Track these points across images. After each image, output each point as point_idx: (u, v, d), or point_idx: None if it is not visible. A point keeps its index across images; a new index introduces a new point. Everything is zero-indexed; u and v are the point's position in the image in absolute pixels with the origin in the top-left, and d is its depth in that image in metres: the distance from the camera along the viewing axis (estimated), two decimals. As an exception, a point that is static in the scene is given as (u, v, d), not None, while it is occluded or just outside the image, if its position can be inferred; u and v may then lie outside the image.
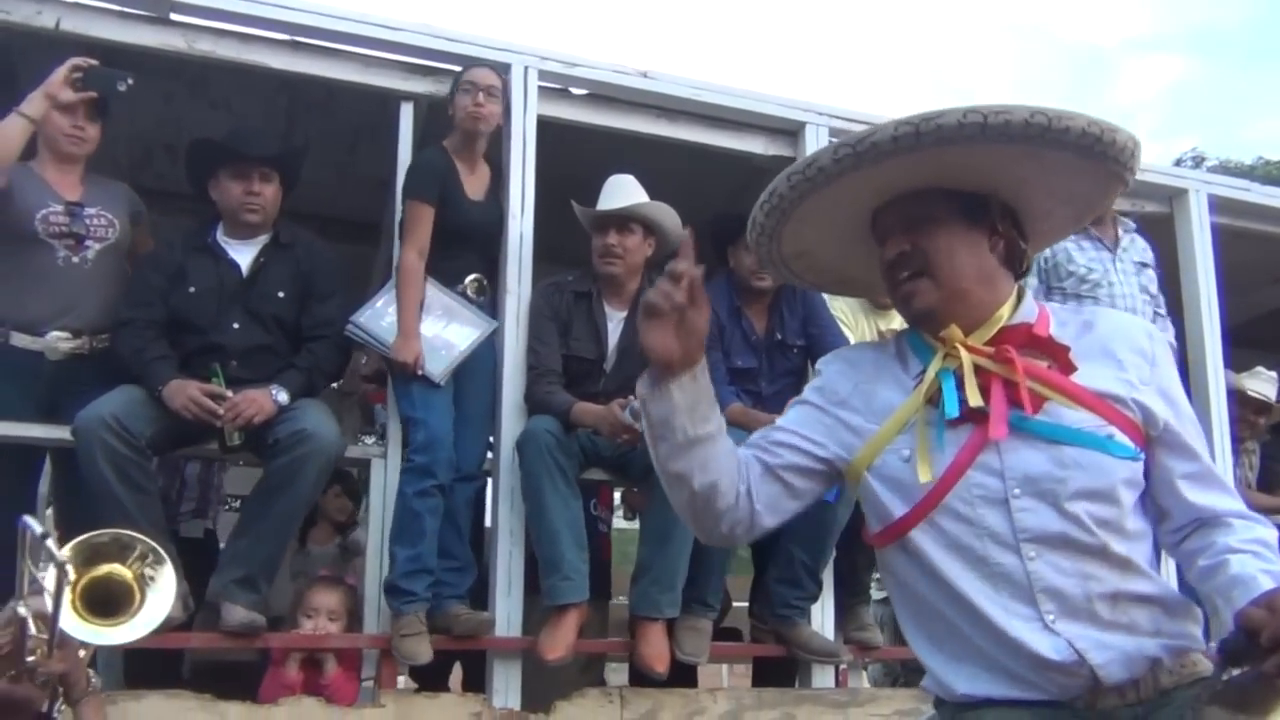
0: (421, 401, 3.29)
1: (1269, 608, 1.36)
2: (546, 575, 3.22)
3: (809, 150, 3.98)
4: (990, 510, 1.52)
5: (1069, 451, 1.51)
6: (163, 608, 1.74)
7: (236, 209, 3.28)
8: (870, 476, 1.62)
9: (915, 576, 1.60)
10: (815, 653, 3.52)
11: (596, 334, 3.51)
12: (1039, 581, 1.50)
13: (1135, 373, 1.58)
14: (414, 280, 3.33)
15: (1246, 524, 1.56)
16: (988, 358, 1.55)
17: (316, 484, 3.11)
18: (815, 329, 3.75)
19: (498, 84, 3.51)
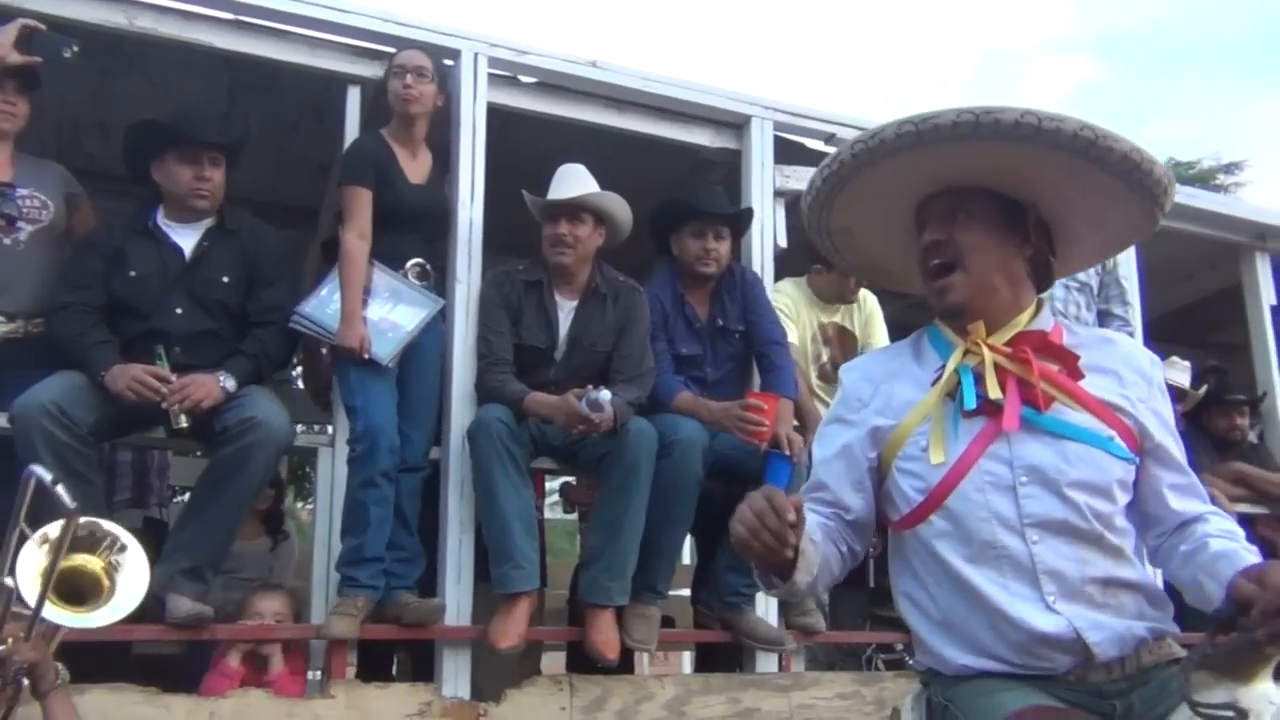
0: (360, 389, 3.25)
1: (1259, 581, 1.46)
2: (498, 564, 3.21)
3: (754, 143, 4.07)
4: (998, 496, 1.64)
5: (1072, 447, 1.66)
6: (135, 595, 1.71)
7: (186, 194, 3.20)
8: (894, 468, 1.73)
9: (923, 560, 1.71)
10: (761, 640, 3.57)
11: (547, 323, 3.50)
12: (1041, 563, 1.62)
13: (1134, 390, 1.74)
14: (356, 263, 3.29)
15: (1220, 518, 1.72)
16: (1006, 357, 1.67)
17: (265, 473, 3.06)
18: (753, 315, 3.80)
19: (428, 65, 3.47)
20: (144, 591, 1.73)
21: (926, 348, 1.79)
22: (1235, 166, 15.73)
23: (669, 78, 4.01)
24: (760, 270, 3.99)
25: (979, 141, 1.61)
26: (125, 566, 1.77)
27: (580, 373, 3.45)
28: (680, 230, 3.74)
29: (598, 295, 3.53)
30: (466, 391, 3.46)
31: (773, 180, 4.11)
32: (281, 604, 3.32)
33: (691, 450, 3.32)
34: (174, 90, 3.86)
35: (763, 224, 4.01)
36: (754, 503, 1.45)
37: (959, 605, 1.66)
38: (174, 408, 2.94)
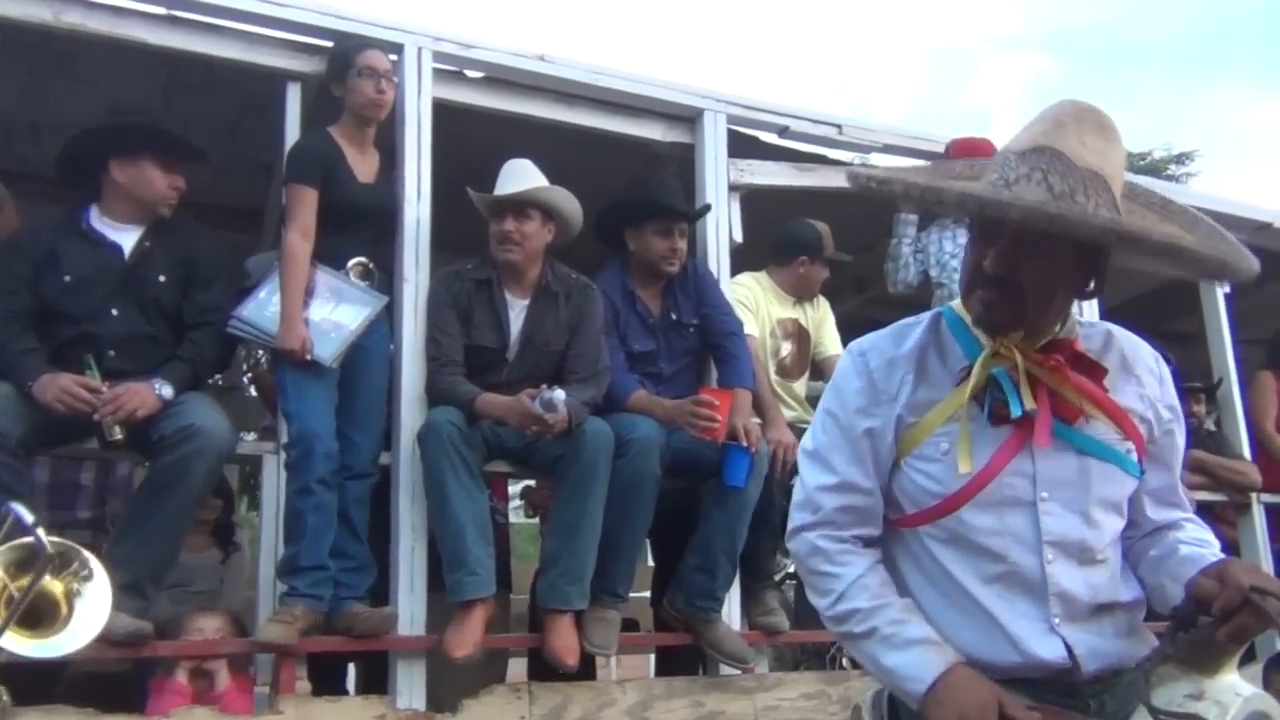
0: (295, 393, 3.15)
1: (1219, 578, 1.46)
2: (452, 571, 3.13)
3: (708, 137, 4.01)
4: (1016, 511, 1.57)
5: (1094, 463, 1.59)
6: (91, 628, 1.62)
7: (158, 200, 3.14)
8: (906, 465, 1.63)
9: (917, 561, 1.64)
10: (727, 655, 3.49)
11: (498, 323, 3.42)
12: (1054, 584, 1.56)
13: (1150, 389, 1.66)
14: (298, 263, 3.19)
15: (1196, 525, 1.68)
16: (1039, 365, 1.56)
17: (206, 482, 2.95)
18: (707, 309, 3.75)
19: (391, 68, 3.41)
20: (100, 626, 1.64)
21: (949, 339, 1.65)
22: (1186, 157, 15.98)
23: (619, 71, 3.95)
24: (716, 265, 3.93)
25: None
26: (86, 595, 1.68)
27: (533, 373, 3.37)
28: (640, 227, 3.66)
29: (549, 293, 3.45)
30: (416, 394, 3.36)
31: (727, 174, 4.05)
32: (221, 622, 3.22)
33: (648, 449, 3.25)
34: (107, 90, 3.72)
35: (718, 218, 3.95)
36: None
37: (952, 613, 1.59)
38: (107, 419, 2.82)
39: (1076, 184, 1.45)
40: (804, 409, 4.18)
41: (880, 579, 1.62)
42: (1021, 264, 1.51)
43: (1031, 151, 1.48)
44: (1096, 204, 1.45)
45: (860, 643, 1.59)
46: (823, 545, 1.63)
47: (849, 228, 4.57)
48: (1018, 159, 1.48)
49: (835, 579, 1.61)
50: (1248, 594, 1.42)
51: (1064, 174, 1.45)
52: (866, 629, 1.57)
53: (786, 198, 4.30)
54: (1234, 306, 5.11)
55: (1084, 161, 1.46)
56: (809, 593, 1.69)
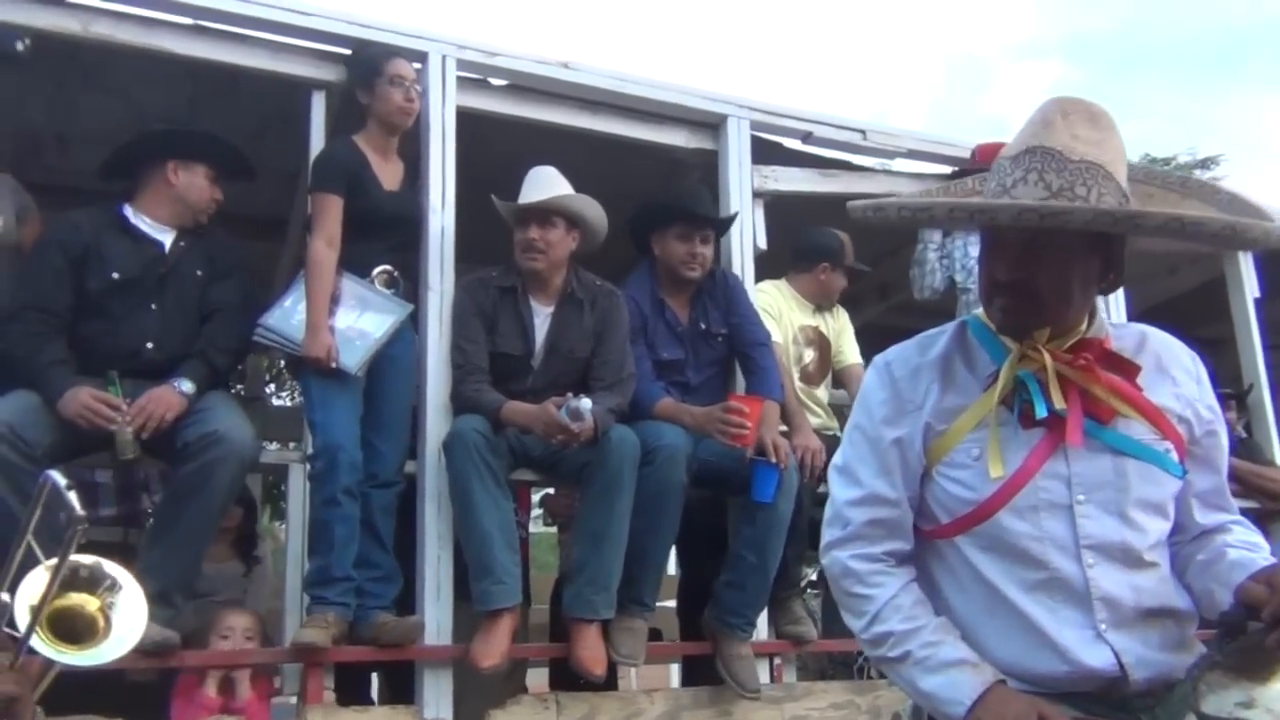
0: (320, 402, 3.14)
1: (1268, 584, 1.44)
2: (478, 579, 3.11)
3: (731, 143, 3.99)
4: (1053, 515, 1.54)
5: (1132, 464, 1.55)
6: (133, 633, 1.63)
7: (202, 208, 3.24)
8: (936, 474, 1.60)
9: (952, 571, 1.61)
10: (731, 677, 3.41)
11: (523, 330, 3.41)
12: (1097, 589, 1.53)
13: (1188, 389, 1.63)
14: (324, 271, 3.19)
15: (1244, 529, 1.65)
16: (1067, 364, 1.54)
17: (231, 489, 2.95)
18: (736, 318, 3.72)
19: (416, 76, 3.42)
20: (141, 628, 1.65)
21: (974, 346, 1.63)
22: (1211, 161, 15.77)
23: (642, 78, 3.94)
24: (741, 272, 3.91)
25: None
26: (120, 605, 1.69)
27: (559, 380, 3.36)
28: (664, 232, 3.65)
29: (574, 300, 3.44)
30: (441, 402, 3.35)
31: (751, 180, 4.03)
32: (250, 620, 3.22)
33: (675, 457, 3.22)
34: (133, 101, 3.74)
35: (742, 225, 3.93)
36: None
37: (995, 625, 1.55)
38: (121, 436, 2.82)
39: (1075, 177, 1.44)
40: (828, 415, 4.16)
41: (913, 599, 1.59)
42: (1033, 266, 1.50)
43: (1024, 154, 1.48)
44: (1099, 194, 1.44)
45: (897, 666, 1.57)
46: (854, 566, 1.62)
47: (872, 234, 4.54)
48: (1012, 164, 1.49)
49: (868, 600, 1.60)
50: None
51: (1059, 170, 1.45)
52: (901, 653, 1.56)
53: (808, 205, 4.28)
54: (1264, 312, 5.04)
55: (1078, 154, 1.45)
56: (844, 613, 1.68)
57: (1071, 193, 1.43)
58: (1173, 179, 1.61)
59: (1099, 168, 1.45)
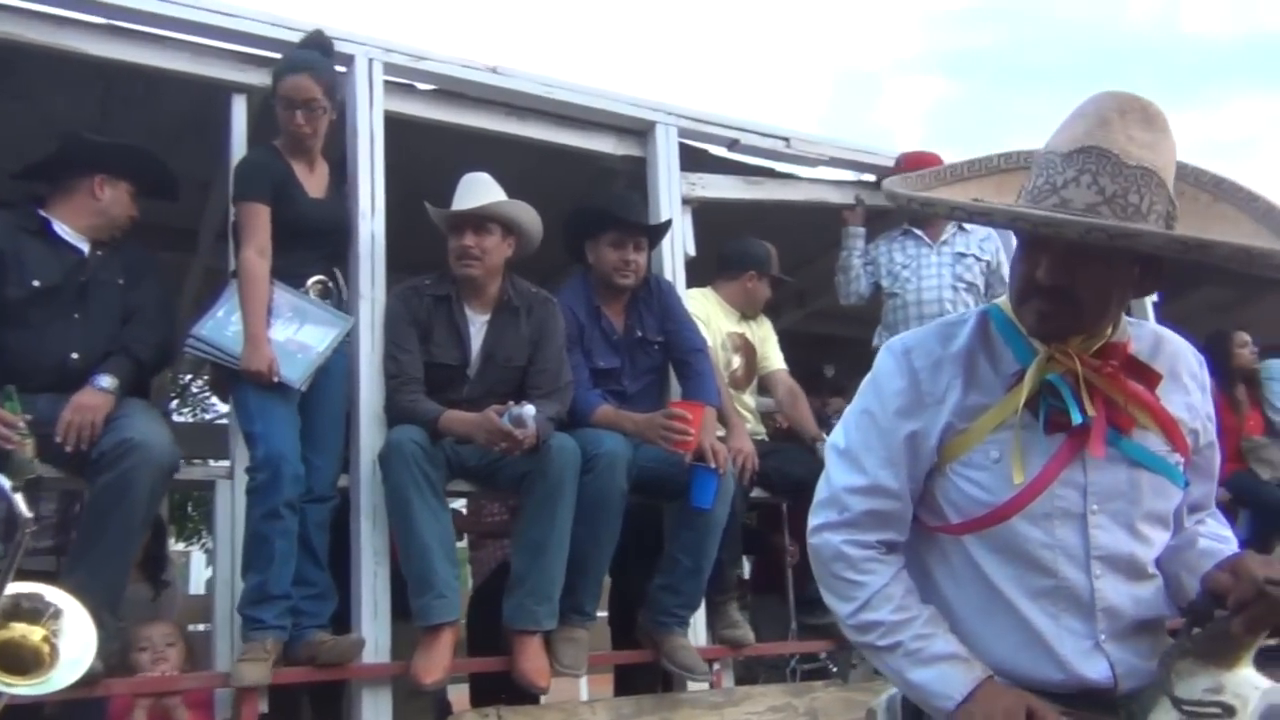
0: (259, 413, 3.03)
1: (1233, 572, 1.45)
2: (419, 594, 3.04)
3: (660, 150, 4.00)
4: (1066, 524, 1.53)
5: (1145, 475, 1.55)
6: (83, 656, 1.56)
7: (120, 224, 3.15)
8: (951, 471, 1.57)
9: (954, 569, 1.60)
10: (679, 666, 3.44)
11: (459, 339, 3.35)
12: (1102, 599, 1.53)
13: (1195, 397, 1.62)
14: (258, 282, 3.08)
15: (1217, 521, 1.69)
16: (1095, 371, 1.51)
17: (152, 499, 2.82)
18: (672, 324, 3.73)
19: (318, 94, 3.23)
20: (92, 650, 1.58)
21: (998, 342, 1.57)
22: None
23: (571, 84, 3.92)
24: (671, 278, 3.91)
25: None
26: (65, 631, 1.62)
27: (495, 389, 3.31)
28: (598, 239, 3.63)
29: (510, 308, 3.39)
30: (375, 413, 3.27)
31: (679, 187, 4.04)
32: (167, 628, 3.10)
33: (615, 464, 3.20)
34: (41, 104, 3.56)
35: (672, 232, 3.93)
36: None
37: (993, 625, 1.55)
38: (18, 456, 2.66)
39: (1129, 183, 1.38)
40: (755, 420, 4.19)
41: (904, 588, 1.58)
42: (1077, 272, 1.44)
43: (1078, 152, 1.40)
44: (1151, 203, 1.39)
45: (884, 656, 1.56)
46: (847, 551, 1.59)
47: (792, 242, 4.61)
48: (1064, 161, 1.42)
49: (858, 587, 1.58)
50: (1262, 586, 1.41)
51: (1114, 174, 1.38)
52: (891, 643, 1.54)
53: (732, 212, 4.32)
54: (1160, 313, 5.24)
55: (1134, 159, 1.39)
56: (826, 594, 1.64)
57: (1125, 200, 1.38)
58: (1206, 178, 1.55)
59: (1153, 174, 1.40)
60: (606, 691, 4.23)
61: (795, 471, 3.80)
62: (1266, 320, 6.03)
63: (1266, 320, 6.03)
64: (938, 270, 4.38)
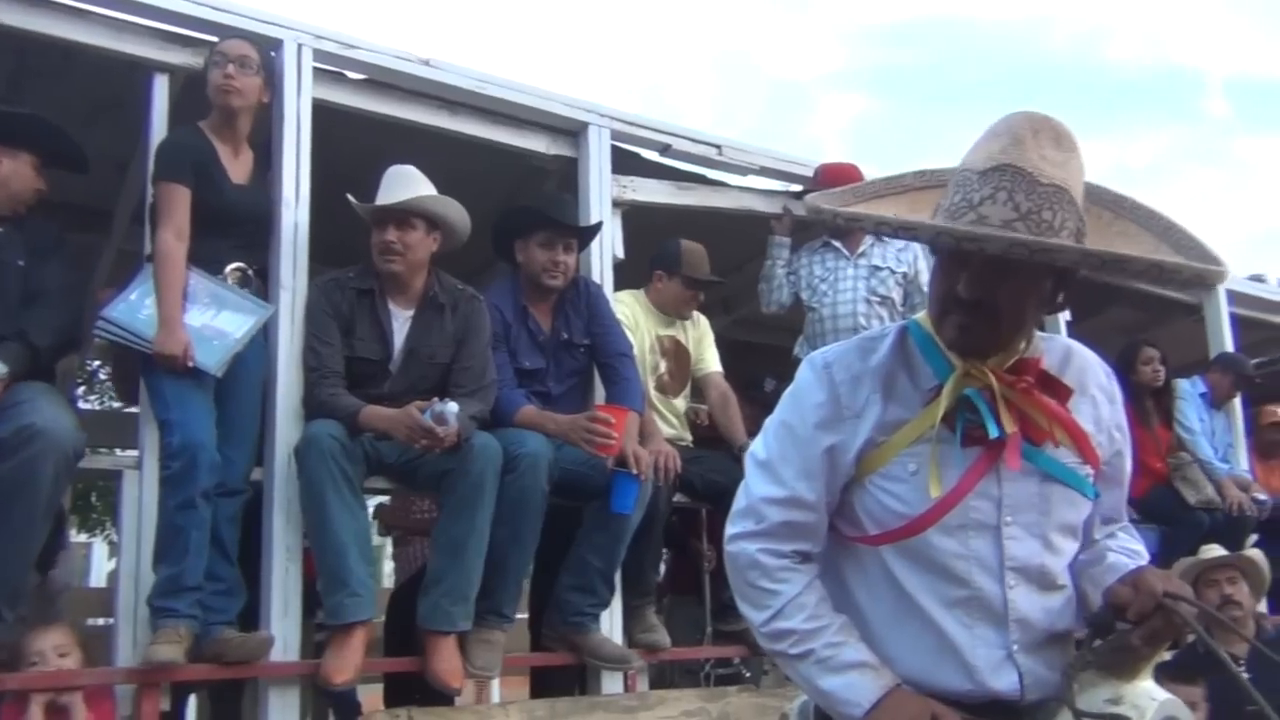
0: (175, 400, 2.94)
1: (1134, 586, 1.49)
2: (332, 592, 2.98)
3: (592, 152, 3.98)
4: (980, 535, 1.55)
5: (1056, 487, 1.58)
6: None
7: (25, 198, 3.03)
8: (869, 484, 1.59)
9: (870, 579, 1.61)
10: (607, 659, 3.46)
11: (381, 334, 3.29)
12: (1014, 610, 1.55)
13: (1104, 410, 1.65)
14: (174, 265, 2.99)
15: (1127, 535, 1.71)
16: (1010, 387, 1.54)
17: (56, 487, 2.72)
18: (599, 328, 3.71)
19: (253, 56, 3.23)
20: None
21: (917, 357, 1.60)
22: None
23: (504, 80, 3.88)
24: (600, 281, 3.90)
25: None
26: None
27: (417, 386, 3.26)
28: (528, 239, 3.60)
29: (435, 304, 3.35)
30: (293, 407, 3.21)
31: (610, 190, 4.03)
32: (63, 636, 2.96)
33: (537, 465, 3.19)
34: (-57, 73, 3.42)
35: (601, 234, 3.92)
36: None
37: (905, 634, 1.57)
38: None
39: (1043, 201, 1.42)
40: (682, 426, 4.19)
41: (817, 597, 1.60)
42: (997, 287, 1.47)
43: (994, 170, 1.43)
44: (1063, 220, 1.43)
45: (796, 664, 1.58)
46: (762, 559, 1.60)
47: (720, 249, 4.62)
48: (980, 179, 1.44)
49: (772, 595, 1.59)
50: (1161, 600, 1.46)
51: (1028, 192, 1.41)
52: (803, 651, 1.56)
53: (661, 216, 4.32)
54: (1072, 332, 5.40)
55: (1046, 177, 1.43)
56: (741, 603, 1.65)
57: (1039, 217, 1.41)
58: (1107, 195, 1.60)
59: (1065, 192, 1.44)
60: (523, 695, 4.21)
61: (717, 478, 3.82)
62: (1175, 343, 6.23)
63: (1175, 343, 6.23)
64: (853, 285, 4.42)
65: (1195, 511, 5.09)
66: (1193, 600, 1.50)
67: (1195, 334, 6.00)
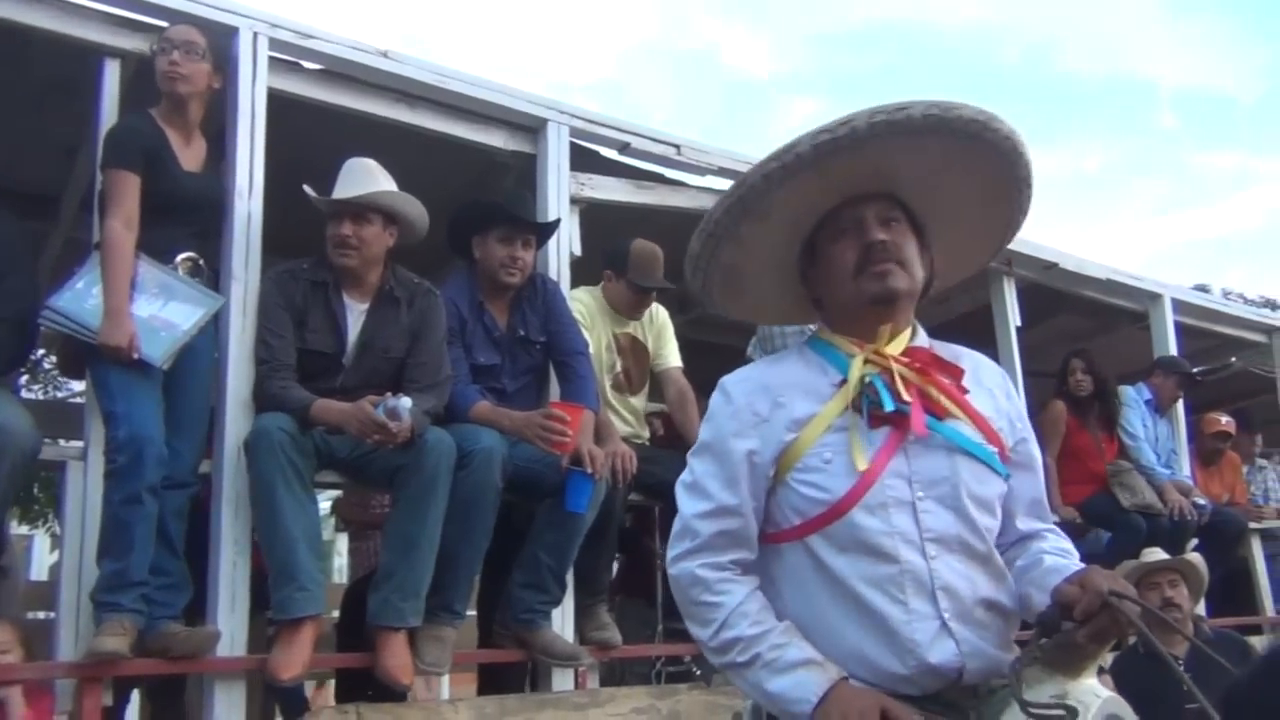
0: (121, 392, 2.88)
1: (1081, 585, 1.54)
2: (280, 586, 2.95)
3: (551, 148, 3.98)
4: (899, 511, 1.62)
5: (964, 461, 1.66)
6: None
7: None
8: (789, 480, 1.65)
9: (802, 576, 1.66)
10: (557, 656, 3.46)
11: (335, 327, 3.26)
12: (939, 579, 1.61)
13: (1000, 401, 1.76)
14: (122, 254, 2.94)
15: (1057, 536, 1.79)
16: (905, 366, 1.65)
17: (10, 485, 2.69)
18: (555, 326, 3.71)
19: (199, 42, 3.18)
20: None
21: (818, 360, 1.73)
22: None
23: (464, 74, 3.86)
24: (556, 278, 3.89)
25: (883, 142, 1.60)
26: None
27: (371, 380, 3.24)
28: (485, 234, 3.58)
29: (391, 298, 3.33)
30: (243, 399, 3.17)
31: (568, 187, 4.03)
32: (8, 633, 2.91)
33: (491, 461, 3.18)
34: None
35: (559, 231, 3.91)
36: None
37: (839, 620, 1.61)
38: None
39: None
40: (639, 424, 4.19)
41: (759, 604, 1.65)
42: (893, 233, 1.67)
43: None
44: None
45: (744, 671, 1.61)
46: (702, 574, 1.66)
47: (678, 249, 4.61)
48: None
49: (716, 608, 1.64)
50: (1106, 598, 1.50)
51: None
52: (749, 657, 1.60)
53: (619, 214, 4.32)
54: (1023, 339, 5.48)
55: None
56: (690, 624, 1.70)
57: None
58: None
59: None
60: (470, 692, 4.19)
61: (671, 478, 3.80)
62: (1121, 350, 6.35)
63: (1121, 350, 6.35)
64: None
65: (1131, 515, 5.24)
66: (1137, 600, 1.54)
67: (1141, 342, 6.13)
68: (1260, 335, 6.71)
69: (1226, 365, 7.27)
